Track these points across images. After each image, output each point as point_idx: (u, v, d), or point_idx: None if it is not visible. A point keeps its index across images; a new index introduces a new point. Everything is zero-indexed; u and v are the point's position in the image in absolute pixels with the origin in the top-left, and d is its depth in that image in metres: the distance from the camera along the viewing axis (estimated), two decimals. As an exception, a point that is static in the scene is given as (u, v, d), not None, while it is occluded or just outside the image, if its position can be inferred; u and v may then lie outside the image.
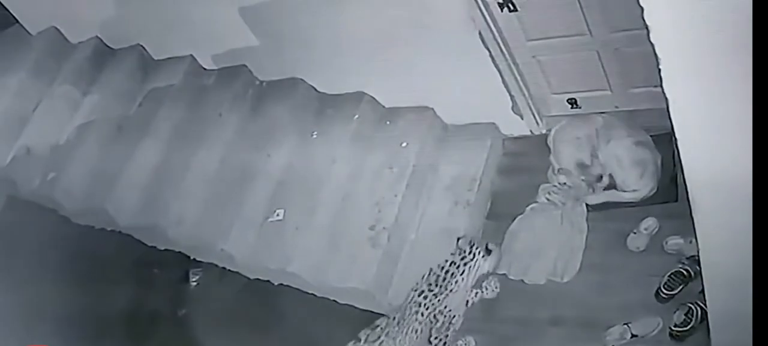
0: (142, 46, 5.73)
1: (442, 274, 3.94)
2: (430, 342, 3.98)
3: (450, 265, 3.96)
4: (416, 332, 3.91)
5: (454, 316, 3.98)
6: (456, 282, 3.93)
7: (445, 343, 3.98)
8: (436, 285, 3.92)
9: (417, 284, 4.00)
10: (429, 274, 3.99)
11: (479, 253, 3.97)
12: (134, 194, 5.07)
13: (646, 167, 4.24)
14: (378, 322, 3.97)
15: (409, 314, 3.92)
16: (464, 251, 3.98)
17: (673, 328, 3.72)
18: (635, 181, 4.25)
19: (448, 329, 3.96)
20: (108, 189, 5.11)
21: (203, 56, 5.54)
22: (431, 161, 4.84)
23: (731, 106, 2.02)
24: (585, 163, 4.35)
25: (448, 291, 3.93)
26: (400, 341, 3.88)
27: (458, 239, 4.09)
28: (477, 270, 3.98)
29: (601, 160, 4.34)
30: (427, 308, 3.91)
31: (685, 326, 3.69)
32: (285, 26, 4.79)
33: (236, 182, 4.95)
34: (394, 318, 3.94)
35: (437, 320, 3.94)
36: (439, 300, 3.92)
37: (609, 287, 4.00)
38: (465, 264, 3.95)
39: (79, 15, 5.66)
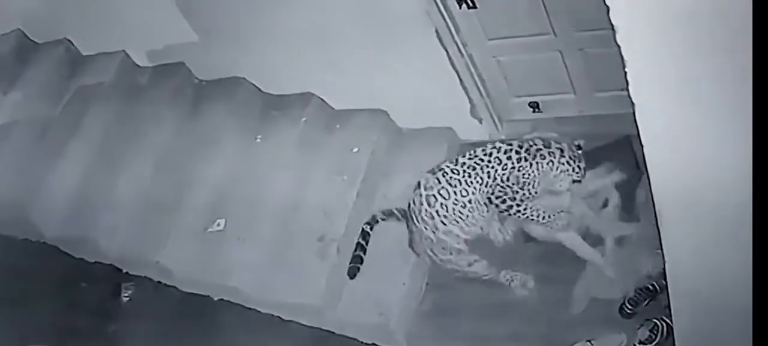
0: (69, 40, 5.63)
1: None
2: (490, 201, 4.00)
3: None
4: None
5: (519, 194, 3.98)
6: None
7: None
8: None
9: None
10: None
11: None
12: (61, 201, 4.98)
13: None
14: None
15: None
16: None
17: (637, 344, 3.78)
18: None
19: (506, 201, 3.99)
20: (32, 196, 5.01)
21: (137, 52, 5.47)
22: (384, 168, 4.84)
23: (701, 112, 2.05)
24: None
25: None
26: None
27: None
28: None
29: None
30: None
31: (650, 343, 3.74)
32: (226, 21, 4.74)
33: (173, 189, 4.89)
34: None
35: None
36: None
37: (571, 302, 4.03)
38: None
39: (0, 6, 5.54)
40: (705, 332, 3.00)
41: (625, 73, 1.99)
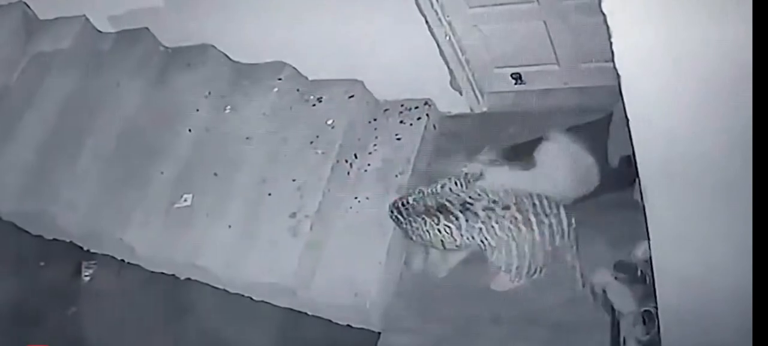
0: (25, 3, 5.53)
1: None
2: None
3: None
4: None
5: None
6: None
7: None
8: None
9: None
10: None
11: None
12: (17, 175, 4.93)
13: None
14: None
15: None
16: None
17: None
18: None
19: None
20: (-15, 170, 4.95)
21: (98, 17, 5.39)
22: (360, 142, 4.83)
23: (690, 85, 2.05)
24: None
25: None
26: None
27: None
28: None
29: None
30: None
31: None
32: (194, -16, 4.70)
33: (137, 162, 4.85)
34: None
35: None
36: None
37: (555, 282, 4.06)
38: None
39: (-53, -35, 5.45)
40: (691, 316, 3.04)
41: (611, 43, 1.99)
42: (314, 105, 4.95)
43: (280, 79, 5.01)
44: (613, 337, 3.81)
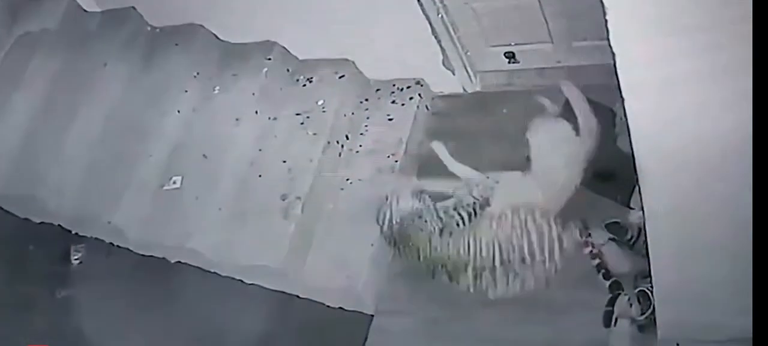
0: (10, -18, 5.50)
1: None
2: None
3: None
4: None
5: None
6: None
7: None
8: None
9: None
10: None
11: None
12: (4, 157, 4.93)
13: None
14: None
15: None
16: None
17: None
18: None
19: None
20: (-28, 153, 4.93)
21: (85, -4, 5.35)
22: (351, 122, 4.82)
23: (685, 63, 2.05)
24: None
25: None
26: None
27: None
28: None
29: None
30: None
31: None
32: (181, -37, 4.68)
33: (125, 144, 4.84)
34: None
35: None
36: None
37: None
38: None
39: (-68, -56, 5.41)
40: (684, 291, 3.05)
41: (606, 21, 1.99)
42: (304, 85, 4.93)
43: (269, 58, 4.98)
44: (606, 316, 3.82)
